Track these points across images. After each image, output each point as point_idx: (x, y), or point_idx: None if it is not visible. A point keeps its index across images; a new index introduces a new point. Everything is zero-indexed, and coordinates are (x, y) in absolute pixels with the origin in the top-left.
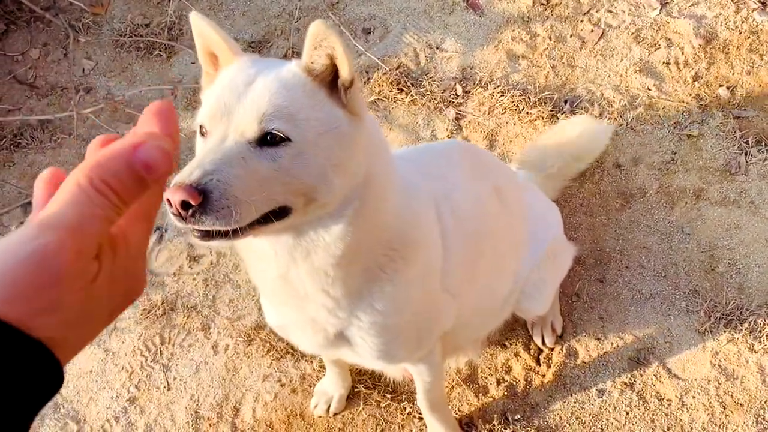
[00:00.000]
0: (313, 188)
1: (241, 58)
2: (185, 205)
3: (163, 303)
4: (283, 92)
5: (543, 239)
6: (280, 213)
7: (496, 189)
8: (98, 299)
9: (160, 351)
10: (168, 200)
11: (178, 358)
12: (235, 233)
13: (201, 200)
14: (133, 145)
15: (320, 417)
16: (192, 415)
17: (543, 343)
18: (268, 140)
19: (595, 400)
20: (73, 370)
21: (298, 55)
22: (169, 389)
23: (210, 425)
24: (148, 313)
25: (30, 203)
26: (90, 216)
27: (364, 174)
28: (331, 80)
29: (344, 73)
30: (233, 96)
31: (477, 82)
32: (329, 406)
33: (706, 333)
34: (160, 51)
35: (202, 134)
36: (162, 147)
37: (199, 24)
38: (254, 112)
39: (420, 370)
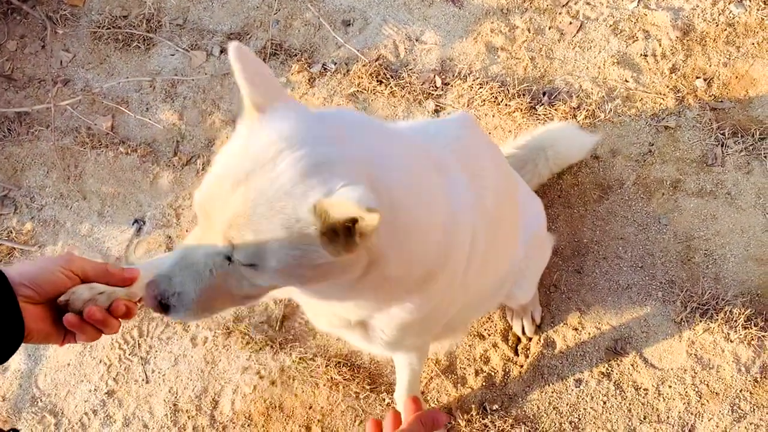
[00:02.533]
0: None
1: (259, 118)
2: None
3: (139, 298)
4: (262, 224)
5: (530, 228)
6: None
7: (507, 172)
8: None
9: (138, 344)
10: None
11: (156, 351)
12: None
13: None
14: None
15: (299, 409)
16: (171, 407)
17: (523, 332)
18: (229, 257)
19: (572, 390)
20: (51, 363)
21: (279, 47)
22: (147, 382)
23: (189, 418)
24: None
25: (7, 196)
26: None
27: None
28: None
29: (363, 240)
30: (221, 192)
31: (456, 74)
32: None
33: (683, 323)
34: (139, 43)
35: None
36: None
37: (237, 59)
38: (225, 233)
39: (411, 358)
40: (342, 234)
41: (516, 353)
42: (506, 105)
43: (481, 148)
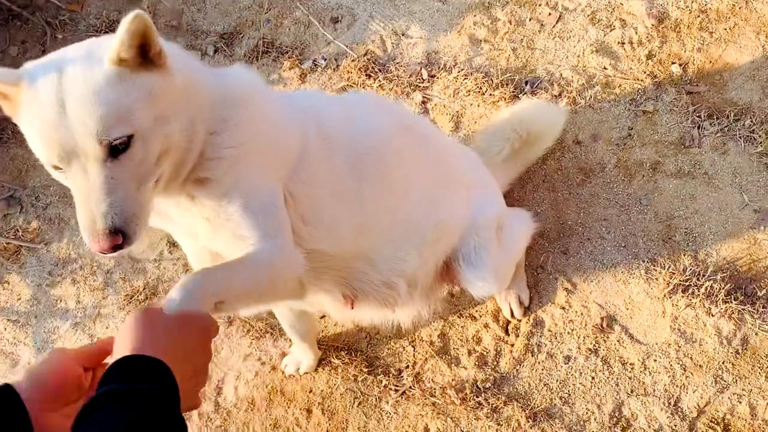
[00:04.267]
0: (175, 152)
1: (22, 83)
2: (115, 248)
3: (144, 288)
4: (101, 102)
5: (482, 208)
6: None
7: (404, 126)
8: None
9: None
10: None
11: None
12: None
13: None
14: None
15: (300, 393)
16: None
17: (512, 315)
18: (117, 148)
19: (561, 367)
20: None
21: (270, 45)
22: None
23: None
24: (131, 298)
25: (13, 196)
26: None
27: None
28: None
29: (154, 47)
30: (58, 132)
31: (441, 67)
32: (298, 368)
33: (665, 299)
34: None
35: (58, 169)
36: None
37: None
38: (90, 136)
39: (250, 249)
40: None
41: (507, 333)
42: (490, 95)
43: (342, 107)
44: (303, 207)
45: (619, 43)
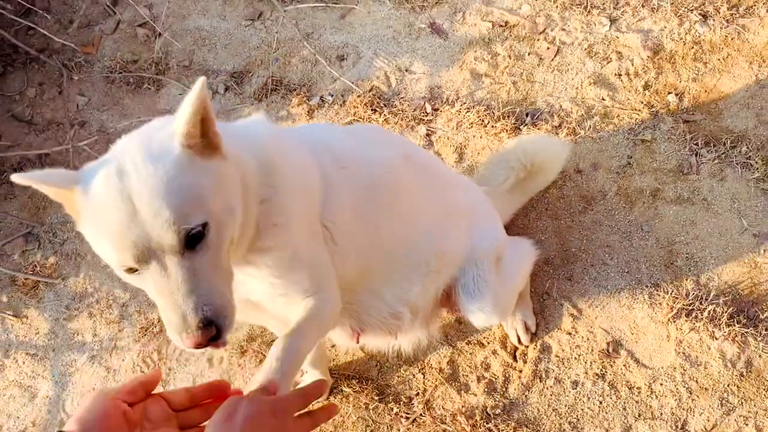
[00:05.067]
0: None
1: (77, 189)
2: (210, 339)
3: (159, 320)
4: (172, 193)
5: (482, 238)
6: None
7: (405, 155)
8: None
9: (158, 366)
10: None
11: (175, 373)
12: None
13: (215, 330)
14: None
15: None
16: None
17: (519, 341)
18: (194, 237)
19: (569, 392)
20: (77, 388)
21: (279, 83)
22: None
23: None
24: (146, 330)
25: (31, 232)
26: None
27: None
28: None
29: (212, 125)
30: (131, 226)
31: (444, 100)
32: None
33: (670, 323)
34: (149, 85)
35: (132, 271)
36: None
37: (26, 182)
38: (166, 227)
39: (308, 303)
40: (203, 138)
41: (515, 359)
42: (492, 126)
43: (350, 139)
44: (336, 236)
45: (616, 74)
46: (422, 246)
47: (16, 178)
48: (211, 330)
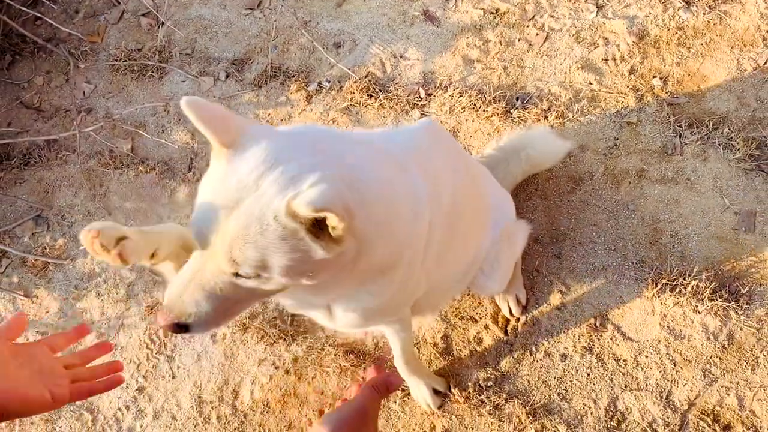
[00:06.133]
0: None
1: (229, 153)
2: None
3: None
4: (258, 239)
5: (500, 222)
6: None
7: (467, 168)
8: None
9: (164, 343)
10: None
11: (180, 349)
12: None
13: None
14: None
15: (312, 395)
16: (196, 399)
17: (510, 313)
18: (238, 274)
19: (558, 364)
20: None
21: (278, 69)
22: (173, 377)
23: (212, 408)
24: (152, 309)
25: (40, 215)
26: None
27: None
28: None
29: (338, 233)
30: (214, 222)
31: (438, 85)
32: None
33: (654, 298)
34: (153, 72)
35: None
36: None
37: (189, 111)
38: (227, 255)
39: (395, 329)
40: (324, 229)
41: (506, 333)
42: (484, 110)
43: (439, 154)
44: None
45: (603, 59)
46: (470, 263)
47: (184, 102)
48: (180, 329)
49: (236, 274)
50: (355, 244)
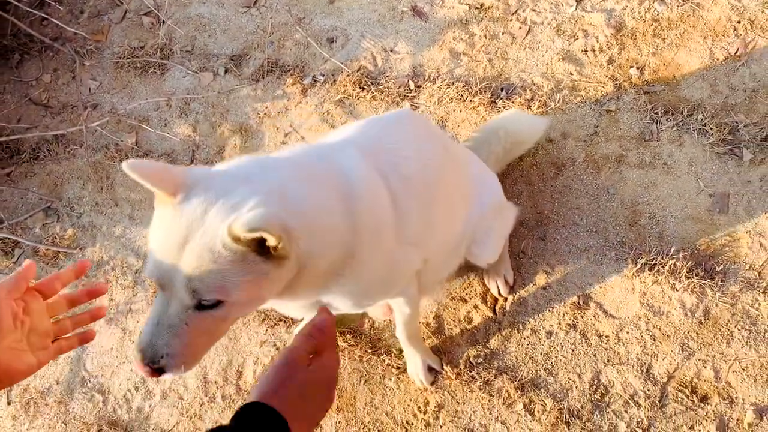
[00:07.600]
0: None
1: (175, 201)
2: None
3: None
4: (212, 267)
5: (488, 199)
6: None
7: (444, 147)
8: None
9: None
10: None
11: None
12: None
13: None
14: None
15: None
16: (201, 380)
17: (499, 293)
18: (202, 304)
19: (544, 341)
20: (96, 348)
21: (274, 65)
22: None
23: (217, 388)
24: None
25: (50, 207)
26: None
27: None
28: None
29: (280, 248)
30: (168, 261)
31: (426, 78)
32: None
33: (634, 277)
34: (155, 69)
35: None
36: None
37: (133, 173)
38: (187, 288)
39: (399, 303)
40: (270, 248)
41: (494, 313)
42: (471, 101)
43: (408, 136)
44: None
45: (582, 51)
46: (461, 233)
47: (126, 166)
48: (156, 374)
49: (199, 306)
50: (302, 256)
